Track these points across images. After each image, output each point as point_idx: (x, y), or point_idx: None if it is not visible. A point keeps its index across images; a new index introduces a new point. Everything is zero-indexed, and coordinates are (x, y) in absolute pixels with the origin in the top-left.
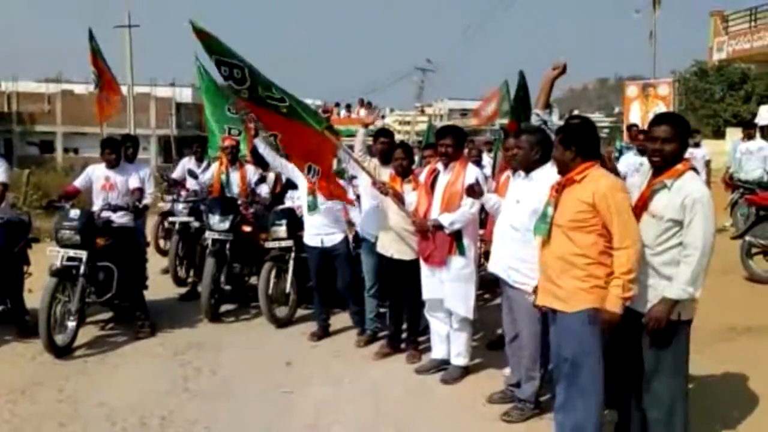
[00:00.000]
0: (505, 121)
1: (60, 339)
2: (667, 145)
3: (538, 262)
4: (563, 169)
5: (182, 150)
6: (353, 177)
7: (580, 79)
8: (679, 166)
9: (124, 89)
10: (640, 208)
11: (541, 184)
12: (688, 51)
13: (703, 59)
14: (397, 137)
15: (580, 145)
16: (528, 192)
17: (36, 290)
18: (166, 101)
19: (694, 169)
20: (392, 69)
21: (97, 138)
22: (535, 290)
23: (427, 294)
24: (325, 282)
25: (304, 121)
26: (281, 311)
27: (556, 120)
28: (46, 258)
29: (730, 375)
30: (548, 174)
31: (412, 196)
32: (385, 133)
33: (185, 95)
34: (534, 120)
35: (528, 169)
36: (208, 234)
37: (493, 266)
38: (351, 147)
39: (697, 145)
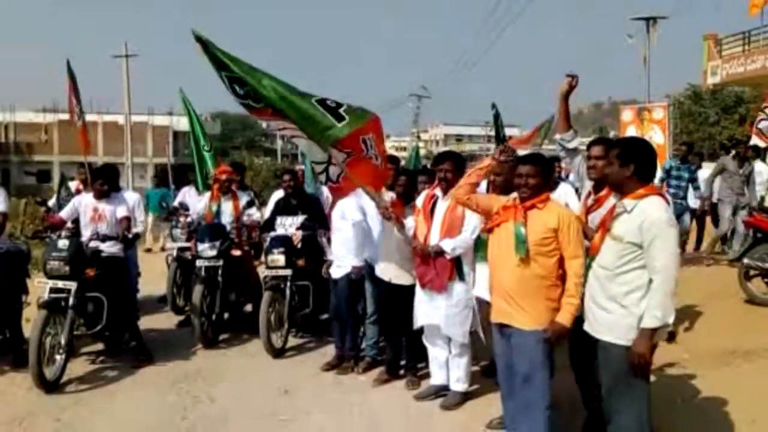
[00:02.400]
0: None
1: (48, 373)
2: (607, 168)
3: (491, 280)
4: (532, 195)
5: (180, 178)
6: None
7: (574, 104)
8: (641, 190)
9: (121, 118)
10: (602, 231)
11: None
12: (683, 75)
13: (697, 83)
14: None
15: (548, 176)
16: None
17: (34, 320)
18: (163, 130)
19: (659, 194)
20: (387, 96)
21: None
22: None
23: (422, 320)
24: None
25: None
26: (277, 340)
27: (573, 144)
28: (34, 288)
29: (730, 399)
30: None
31: (411, 221)
32: (390, 160)
33: (182, 123)
34: (557, 147)
35: (509, 192)
36: (198, 262)
37: (481, 290)
38: None
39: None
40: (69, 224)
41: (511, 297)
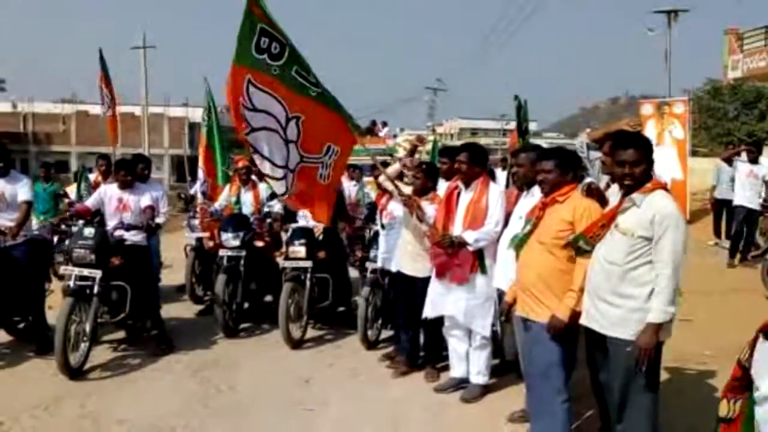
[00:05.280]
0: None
1: (73, 360)
2: (637, 167)
3: (516, 273)
4: (552, 190)
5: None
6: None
7: (590, 99)
8: (649, 185)
9: (137, 109)
10: (609, 225)
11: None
12: (701, 70)
13: (716, 78)
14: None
15: (574, 169)
16: (528, 207)
17: (56, 307)
18: (179, 121)
19: (665, 188)
20: (401, 89)
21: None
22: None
23: (437, 311)
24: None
25: (335, 108)
26: (296, 332)
27: (593, 155)
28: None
29: None
30: None
31: (430, 210)
32: (428, 168)
33: (198, 115)
34: (577, 144)
35: (529, 184)
36: (221, 252)
37: (500, 282)
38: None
39: (755, 161)
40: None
41: (531, 290)
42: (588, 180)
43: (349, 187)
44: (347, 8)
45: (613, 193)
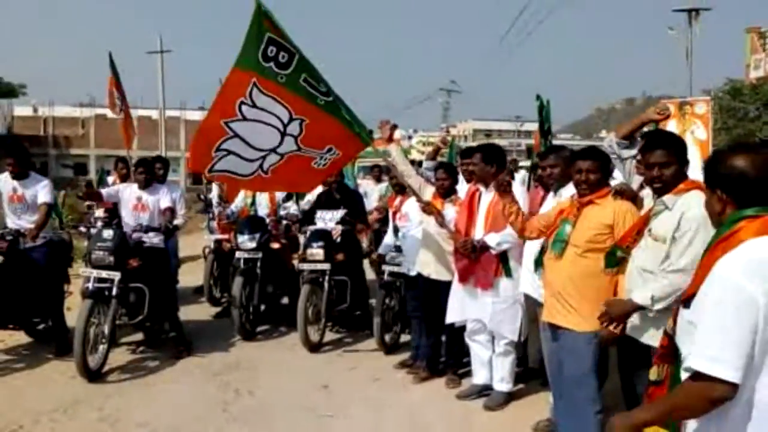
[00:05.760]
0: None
1: (92, 362)
2: (666, 169)
3: (544, 277)
4: (593, 191)
5: None
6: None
7: (606, 99)
8: (682, 186)
9: (155, 113)
10: (642, 231)
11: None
12: (720, 69)
13: (736, 77)
14: (421, 158)
15: (607, 171)
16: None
17: (75, 309)
18: (195, 124)
19: (701, 188)
20: (413, 91)
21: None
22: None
23: (462, 316)
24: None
25: (342, 119)
26: (314, 334)
27: (626, 154)
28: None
29: None
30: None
31: (453, 213)
32: (467, 153)
33: None
34: (606, 144)
35: (559, 185)
36: (238, 254)
37: (525, 286)
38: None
39: None
40: (102, 213)
41: (562, 296)
42: (614, 182)
43: (381, 188)
44: (356, 7)
45: (647, 195)
